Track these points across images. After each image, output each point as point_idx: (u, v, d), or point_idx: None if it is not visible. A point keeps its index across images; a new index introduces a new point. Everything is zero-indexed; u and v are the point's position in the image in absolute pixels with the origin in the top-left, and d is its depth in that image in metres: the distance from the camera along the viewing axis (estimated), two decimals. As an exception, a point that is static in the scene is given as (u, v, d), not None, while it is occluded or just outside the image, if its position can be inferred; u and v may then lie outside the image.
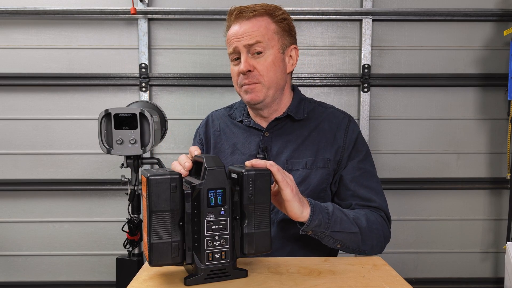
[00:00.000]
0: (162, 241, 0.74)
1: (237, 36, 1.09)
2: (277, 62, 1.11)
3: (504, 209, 2.13)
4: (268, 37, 1.08)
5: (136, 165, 1.50)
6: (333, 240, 0.99)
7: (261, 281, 0.81)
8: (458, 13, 2.06)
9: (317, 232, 0.96)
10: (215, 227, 0.77)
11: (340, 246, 1.01)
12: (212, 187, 0.77)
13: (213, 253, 0.78)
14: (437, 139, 2.15)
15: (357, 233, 1.01)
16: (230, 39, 1.11)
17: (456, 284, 2.20)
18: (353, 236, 1.01)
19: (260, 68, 1.09)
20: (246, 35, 1.07)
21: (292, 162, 1.13)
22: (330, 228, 0.96)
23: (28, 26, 2.07)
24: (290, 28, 1.15)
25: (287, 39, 1.13)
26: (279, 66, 1.11)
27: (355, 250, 1.04)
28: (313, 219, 0.93)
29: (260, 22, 1.08)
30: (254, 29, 1.07)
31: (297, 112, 1.18)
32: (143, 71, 2.07)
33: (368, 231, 1.04)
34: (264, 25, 1.08)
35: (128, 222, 1.51)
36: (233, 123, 1.23)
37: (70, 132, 2.12)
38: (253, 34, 1.07)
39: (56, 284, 2.18)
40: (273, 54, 1.09)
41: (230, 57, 1.14)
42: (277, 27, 1.10)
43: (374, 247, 1.06)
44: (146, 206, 0.74)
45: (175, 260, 0.75)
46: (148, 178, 0.73)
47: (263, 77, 1.09)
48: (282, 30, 1.12)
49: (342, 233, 0.99)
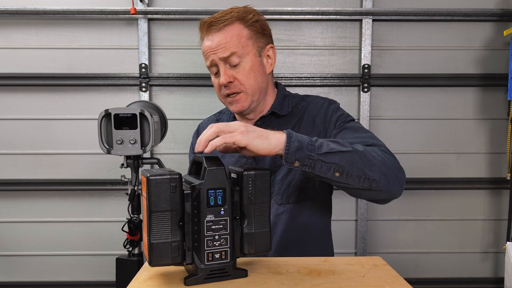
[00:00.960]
0: (162, 241, 0.74)
1: (212, 49, 1.08)
2: (256, 67, 1.10)
3: (504, 209, 2.13)
4: (242, 45, 1.07)
5: (136, 165, 1.49)
6: (327, 166, 0.85)
7: (261, 281, 0.81)
8: (458, 13, 2.06)
9: (303, 160, 0.84)
10: (215, 227, 0.77)
11: (339, 174, 0.86)
12: (212, 187, 0.77)
13: (213, 253, 0.78)
14: (437, 139, 2.15)
15: (352, 152, 0.87)
16: (205, 53, 1.11)
17: (456, 284, 2.20)
18: (348, 156, 0.87)
19: (240, 77, 1.09)
20: (220, 47, 1.07)
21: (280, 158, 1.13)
22: (316, 151, 0.85)
23: (28, 26, 2.07)
24: (264, 28, 1.13)
25: (261, 41, 1.13)
26: (258, 71, 1.11)
27: (364, 180, 0.88)
28: (291, 141, 0.83)
29: (231, 31, 1.07)
30: (227, 40, 1.06)
31: (281, 108, 1.18)
32: (143, 71, 2.07)
33: (369, 156, 0.90)
34: (236, 34, 1.07)
35: (128, 222, 1.51)
36: None
37: (70, 132, 2.12)
38: (227, 46, 1.06)
39: (56, 284, 2.18)
40: (250, 61, 1.09)
41: (210, 70, 1.14)
42: (249, 31, 1.09)
43: (388, 176, 0.91)
44: (146, 206, 0.74)
45: (175, 260, 0.75)
46: (148, 178, 0.72)
47: (245, 85, 1.10)
48: (256, 33, 1.11)
49: (333, 154, 0.85)
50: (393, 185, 0.93)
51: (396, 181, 0.94)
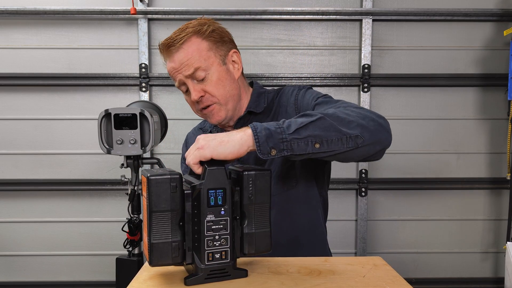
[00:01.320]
0: (162, 241, 0.74)
1: (176, 69, 1.09)
2: (223, 76, 1.11)
3: (504, 209, 2.13)
4: (203, 58, 1.08)
5: (136, 165, 1.49)
6: (304, 141, 0.82)
7: (261, 281, 0.81)
8: (458, 13, 2.06)
9: (278, 146, 0.81)
10: (215, 227, 0.78)
11: (319, 145, 0.82)
12: (213, 187, 0.77)
13: (213, 253, 0.78)
14: (437, 139, 2.15)
15: (322, 118, 0.84)
16: (171, 74, 1.12)
17: (456, 284, 2.20)
18: (320, 123, 0.83)
19: (209, 89, 1.10)
20: (183, 66, 1.08)
21: None
22: (286, 131, 0.82)
23: (28, 26, 2.07)
24: (222, 36, 1.13)
25: (222, 49, 1.13)
26: (226, 79, 1.12)
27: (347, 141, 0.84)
28: (258, 132, 0.81)
29: (190, 47, 1.08)
30: (188, 57, 1.07)
31: (257, 106, 1.18)
32: (143, 71, 2.07)
33: (342, 115, 0.87)
34: (195, 49, 1.08)
35: (128, 222, 1.51)
36: None
37: (70, 132, 2.12)
38: (189, 63, 1.07)
39: (56, 284, 2.18)
40: (216, 71, 1.10)
41: (180, 89, 1.15)
42: (208, 43, 1.10)
43: (370, 127, 0.87)
44: (146, 206, 0.75)
45: (175, 260, 0.75)
46: (148, 178, 0.73)
47: (216, 96, 1.11)
48: (215, 42, 1.11)
49: (304, 127, 0.82)
50: (380, 134, 0.88)
51: (380, 128, 0.89)
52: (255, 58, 2.11)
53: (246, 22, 2.09)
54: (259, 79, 2.08)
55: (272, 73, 2.10)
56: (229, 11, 2.03)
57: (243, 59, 2.08)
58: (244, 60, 2.07)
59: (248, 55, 2.11)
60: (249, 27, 2.10)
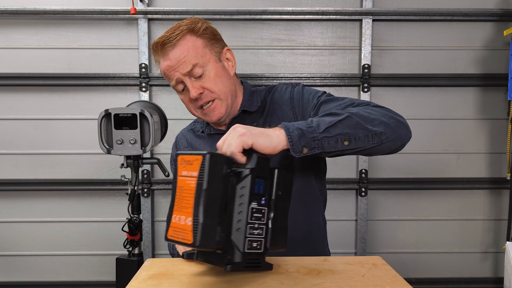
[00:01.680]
0: (210, 222, 0.70)
1: (172, 67, 1.07)
2: (220, 72, 1.10)
3: (504, 209, 2.13)
4: (200, 54, 1.07)
5: (136, 165, 1.50)
6: (334, 139, 0.87)
7: (261, 280, 0.81)
8: (458, 13, 2.07)
9: (310, 144, 0.85)
10: (256, 215, 0.77)
11: (348, 142, 0.88)
12: (259, 176, 0.77)
13: (252, 241, 0.76)
14: (437, 139, 2.15)
15: (349, 116, 0.89)
16: (167, 73, 1.10)
17: (456, 284, 2.20)
18: (347, 122, 0.88)
19: (208, 85, 1.09)
20: (180, 63, 1.06)
21: None
22: (317, 130, 0.86)
23: (28, 26, 2.08)
24: (215, 34, 1.13)
25: (217, 46, 1.13)
26: (223, 75, 1.11)
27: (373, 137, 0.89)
28: (290, 132, 0.84)
29: (186, 44, 1.07)
30: (185, 54, 1.06)
31: (251, 104, 1.18)
32: (143, 71, 2.07)
33: (365, 114, 0.92)
34: (191, 46, 1.07)
35: (128, 222, 1.51)
36: (197, 136, 1.25)
37: (70, 132, 2.12)
38: (186, 60, 1.06)
39: (56, 284, 2.18)
40: (213, 68, 1.09)
41: (175, 88, 1.13)
42: (203, 40, 1.09)
43: (391, 124, 0.92)
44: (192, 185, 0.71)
45: (218, 245, 0.72)
46: (205, 155, 0.70)
47: (216, 92, 1.09)
48: (209, 40, 1.11)
49: (333, 126, 0.87)
50: (400, 130, 0.94)
51: (400, 125, 0.95)
52: (255, 58, 2.12)
53: (246, 22, 2.09)
54: (259, 79, 2.08)
55: (272, 73, 2.10)
56: (229, 11, 2.03)
57: (243, 59, 2.10)
58: (244, 60, 2.09)
59: (248, 55, 2.11)
60: (249, 27, 2.10)
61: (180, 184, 0.73)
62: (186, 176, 0.72)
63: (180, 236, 0.71)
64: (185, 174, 0.73)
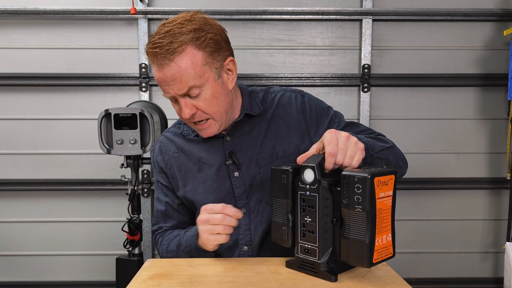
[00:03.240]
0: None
1: (166, 82, 0.96)
2: (217, 92, 1.00)
3: (504, 209, 2.13)
4: (199, 74, 0.95)
5: (136, 165, 1.50)
6: (381, 160, 1.02)
7: (261, 281, 0.81)
8: (458, 13, 2.06)
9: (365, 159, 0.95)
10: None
11: (386, 166, 1.04)
12: None
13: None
14: (437, 139, 2.15)
15: (392, 147, 1.08)
16: (159, 84, 0.99)
17: (456, 284, 2.20)
18: (392, 150, 1.07)
19: (202, 106, 1.00)
20: (175, 82, 0.95)
21: (262, 157, 1.09)
22: (374, 149, 0.99)
23: (28, 26, 2.07)
24: (219, 42, 1.00)
25: (218, 59, 1.00)
26: (220, 95, 1.01)
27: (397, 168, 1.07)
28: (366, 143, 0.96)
29: (184, 61, 0.94)
30: (182, 74, 0.94)
31: (252, 107, 1.11)
32: (143, 71, 2.07)
33: (396, 149, 1.11)
34: (190, 64, 0.94)
35: (128, 222, 1.51)
36: (188, 140, 1.14)
37: (70, 132, 2.12)
38: (183, 80, 0.95)
39: (56, 284, 2.18)
40: (210, 88, 0.99)
41: (167, 97, 1.03)
42: (204, 54, 0.96)
43: (405, 162, 1.13)
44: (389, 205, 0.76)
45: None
46: (395, 173, 0.77)
47: (209, 113, 1.02)
48: (211, 53, 0.98)
49: (383, 150, 1.03)
50: (406, 168, 1.14)
51: (406, 164, 1.15)
52: (255, 58, 2.11)
53: (246, 22, 2.09)
54: (259, 79, 2.08)
55: (272, 73, 2.10)
56: (229, 11, 2.03)
57: (243, 59, 2.10)
58: (244, 60, 2.10)
59: (248, 55, 2.11)
60: (249, 27, 2.10)
61: (379, 206, 0.74)
62: (384, 197, 0.75)
63: (383, 254, 0.77)
64: (383, 195, 0.75)
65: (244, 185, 1.08)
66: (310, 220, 0.80)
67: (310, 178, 0.79)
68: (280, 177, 0.85)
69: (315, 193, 0.79)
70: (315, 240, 0.80)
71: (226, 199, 1.07)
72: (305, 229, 0.82)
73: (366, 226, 0.73)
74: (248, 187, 1.08)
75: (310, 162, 0.80)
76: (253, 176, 1.08)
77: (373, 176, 0.72)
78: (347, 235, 0.75)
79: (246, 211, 1.08)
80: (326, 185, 0.77)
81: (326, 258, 0.80)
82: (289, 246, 0.86)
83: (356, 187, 0.73)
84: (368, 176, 0.71)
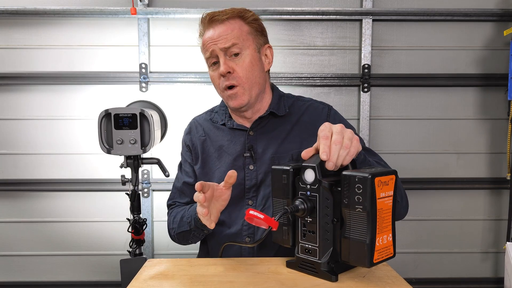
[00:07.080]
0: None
1: (213, 40, 1.10)
2: (255, 61, 1.12)
3: (504, 209, 2.13)
4: (243, 38, 1.10)
5: (136, 165, 1.50)
6: None
7: (261, 281, 0.81)
8: (458, 13, 2.06)
9: None
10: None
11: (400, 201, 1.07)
12: None
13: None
14: (437, 139, 2.15)
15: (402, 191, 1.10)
16: (206, 44, 1.12)
17: (456, 284, 2.20)
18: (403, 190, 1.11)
19: (239, 69, 1.10)
20: (221, 38, 1.09)
21: (278, 157, 1.14)
22: None
23: (28, 26, 2.07)
24: (262, 28, 1.18)
25: (260, 39, 1.16)
26: (257, 65, 1.13)
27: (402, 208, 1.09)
28: None
29: (233, 24, 1.11)
30: (229, 32, 1.09)
31: (279, 108, 1.19)
32: (143, 71, 2.07)
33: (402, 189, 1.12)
34: (237, 27, 1.11)
35: (133, 222, 1.51)
36: (215, 127, 1.24)
37: (70, 132, 2.12)
38: (228, 37, 1.09)
39: (56, 284, 2.18)
40: (250, 55, 1.11)
41: (208, 62, 1.15)
42: (249, 28, 1.13)
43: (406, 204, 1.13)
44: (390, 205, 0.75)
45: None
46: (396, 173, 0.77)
47: (242, 78, 1.10)
48: (255, 30, 1.14)
49: None
50: (406, 212, 1.13)
51: (408, 208, 1.14)
52: (255, 58, 2.11)
53: (246, 22, 2.09)
54: (259, 79, 2.08)
55: (272, 73, 2.09)
56: (229, 11, 2.03)
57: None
58: (244, 60, 2.09)
59: (248, 55, 2.10)
60: (249, 27, 2.10)
61: (380, 206, 0.74)
62: (385, 197, 0.75)
63: (384, 254, 0.76)
64: (383, 195, 0.74)
65: (255, 179, 1.13)
66: (310, 220, 0.80)
67: (311, 178, 0.79)
68: (280, 177, 0.85)
69: (315, 193, 0.79)
70: (315, 240, 0.80)
71: (236, 189, 1.11)
72: (306, 229, 0.82)
73: (367, 226, 0.73)
74: (259, 181, 1.13)
75: (311, 162, 0.80)
76: (266, 173, 1.13)
77: (374, 176, 0.72)
78: (347, 235, 0.75)
79: (253, 203, 1.13)
80: (327, 185, 0.77)
81: (326, 258, 0.80)
82: (290, 246, 0.86)
83: (356, 187, 0.73)
84: (369, 176, 0.71)
